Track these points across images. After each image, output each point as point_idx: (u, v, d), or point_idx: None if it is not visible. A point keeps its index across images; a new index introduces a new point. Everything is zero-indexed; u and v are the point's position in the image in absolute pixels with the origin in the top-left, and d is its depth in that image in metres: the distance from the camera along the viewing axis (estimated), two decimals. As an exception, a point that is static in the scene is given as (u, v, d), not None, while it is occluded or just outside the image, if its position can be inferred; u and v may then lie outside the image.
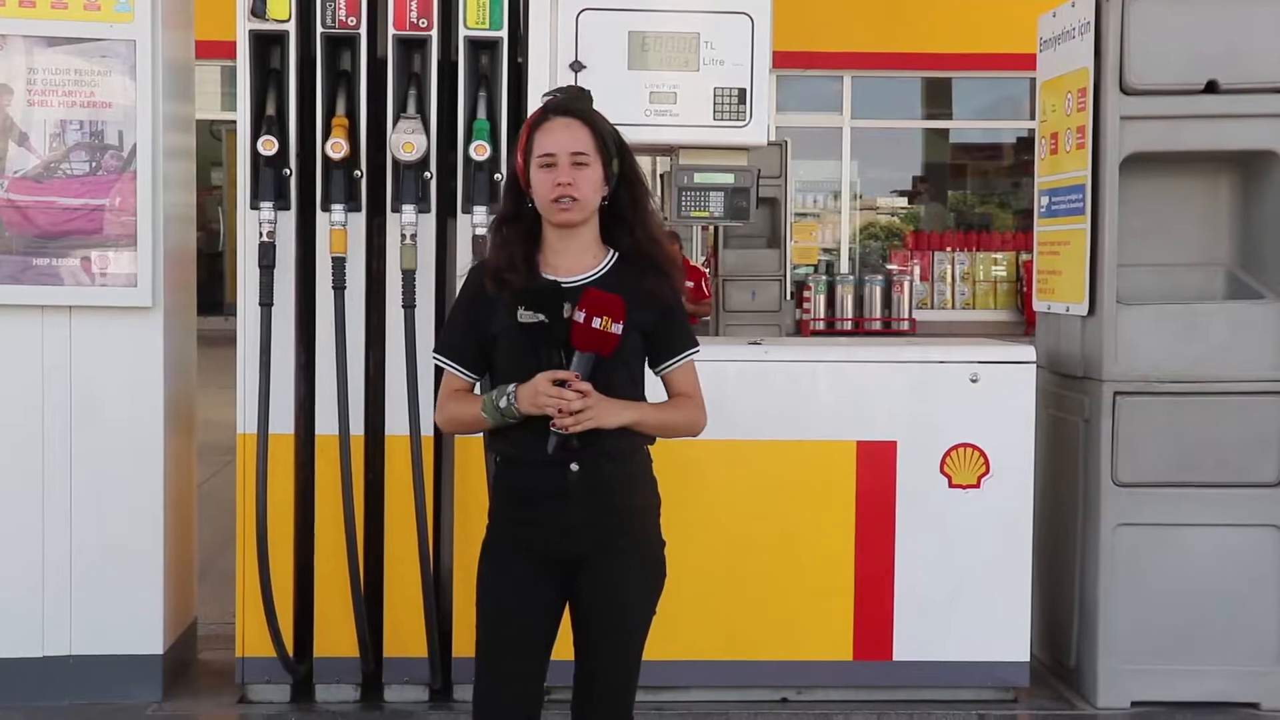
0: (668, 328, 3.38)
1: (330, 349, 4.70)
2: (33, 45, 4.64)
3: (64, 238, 4.66)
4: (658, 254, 3.38)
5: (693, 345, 3.44)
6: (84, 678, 4.79)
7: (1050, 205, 5.29)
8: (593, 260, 3.37)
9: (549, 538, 3.31)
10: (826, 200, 20.75)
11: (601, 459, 3.28)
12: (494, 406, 3.26)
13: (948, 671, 4.93)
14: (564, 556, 3.32)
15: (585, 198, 3.29)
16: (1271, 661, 4.95)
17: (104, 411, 4.77)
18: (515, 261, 3.32)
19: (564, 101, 3.38)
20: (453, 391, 3.44)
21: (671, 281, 3.38)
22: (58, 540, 4.77)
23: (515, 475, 3.36)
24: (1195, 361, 4.89)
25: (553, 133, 3.31)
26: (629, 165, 3.39)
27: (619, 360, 3.27)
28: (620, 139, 3.38)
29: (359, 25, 4.70)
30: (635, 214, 3.38)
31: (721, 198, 4.95)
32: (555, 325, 3.22)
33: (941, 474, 4.87)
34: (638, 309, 3.27)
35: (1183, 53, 4.82)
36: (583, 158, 3.29)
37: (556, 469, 3.27)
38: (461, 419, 3.41)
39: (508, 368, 3.32)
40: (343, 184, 4.67)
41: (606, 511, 3.31)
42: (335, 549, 4.73)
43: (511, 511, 3.37)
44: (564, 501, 3.28)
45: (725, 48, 4.83)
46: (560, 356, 3.23)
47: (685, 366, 3.44)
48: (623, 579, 3.35)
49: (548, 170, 3.28)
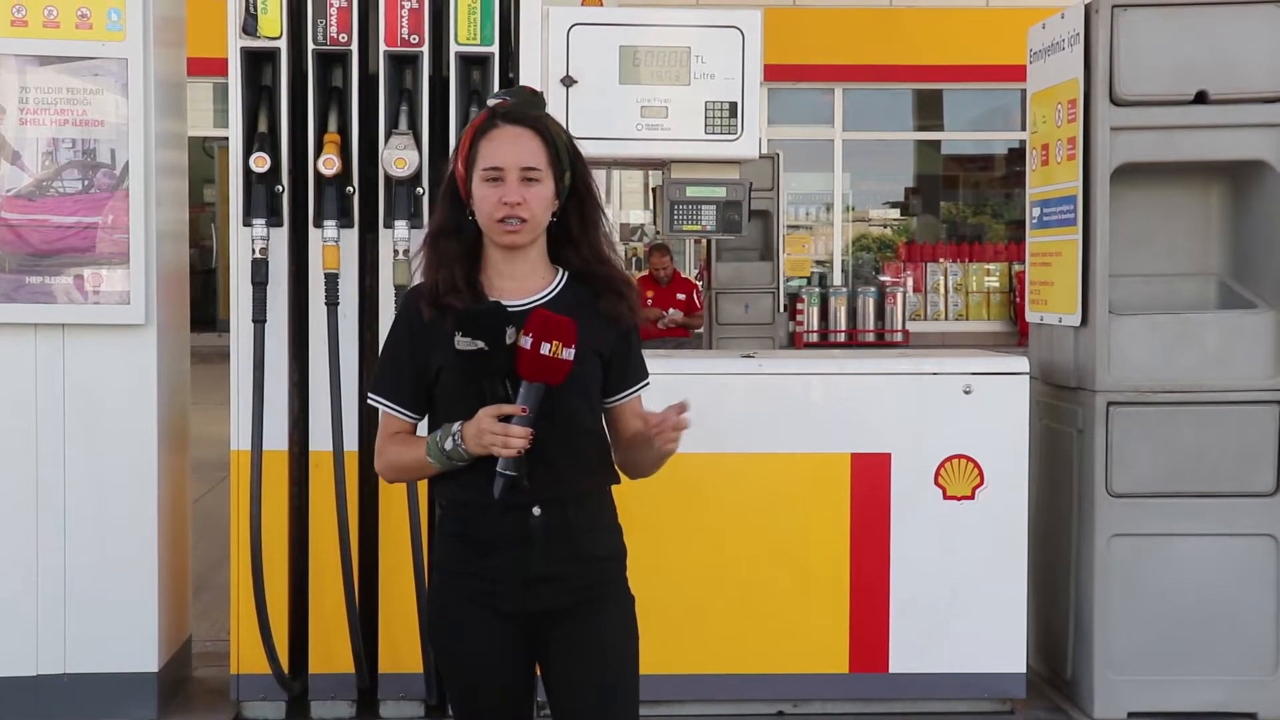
0: (626, 354, 3.06)
1: (323, 365, 4.70)
2: (25, 64, 4.64)
3: (57, 256, 4.66)
4: (611, 273, 3.05)
5: (645, 376, 3.13)
6: (78, 696, 4.78)
7: (1042, 216, 5.30)
8: (542, 281, 3.02)
9: (511, 591, 2.96)
10: (819, 212, 20.79)
11: (565, 501, 2.96)
12: (439, 449, 2.91)
13: (944, 683, 4.93)
14: (529, 612, 2.97)
15: (535, 218, 2.94)
16: (1268, 671, 4.95)
17: (98, 428, 4.77)
18: (456, 282, 2.95)
19: (515, 107, 2.99)
20: (391, 435, 3.05)
21: (629, 303, 3.06)
22: (52, 557, 4.76)
23: (468, 521, 2.98)
24: (1188, 371, 4.89)
25: (501, 143, 2.94)
26: (582, 178, 3.04)
27: (577, 390, 2.93)
28: (574, 148, 3.03)
29: (350, 42, 4.71)
30: (584, 231, 3.04)
31: (713, 211, 4.96)
32: (498, 352, 2.86)
33: (936, 485, 4.87)
34: (595, 333, 2.96)
35: (1172, 63, 4.83)
36: (534, 173, 2.93)
37: (516, 513, 2.92)
38: (404, 464, 3.03)
39: (448, 403, 2.96)
40: (335, 200, 4.67)
41: (575, 559, 2.98)
42: (330, 565, 4.73)
43: (466, 562, 2.99)
44: (527, 549, 2.94)
45: (716, 62, 4.84)
46: (505, 388, 2.88)
47: (638, 399, 3.11)
48: (604, 637, 3.01)
49: (493, 185, 2.92)
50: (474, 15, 4.71)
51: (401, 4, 4.70)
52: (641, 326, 3.27)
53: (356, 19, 4.71)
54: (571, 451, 2.98)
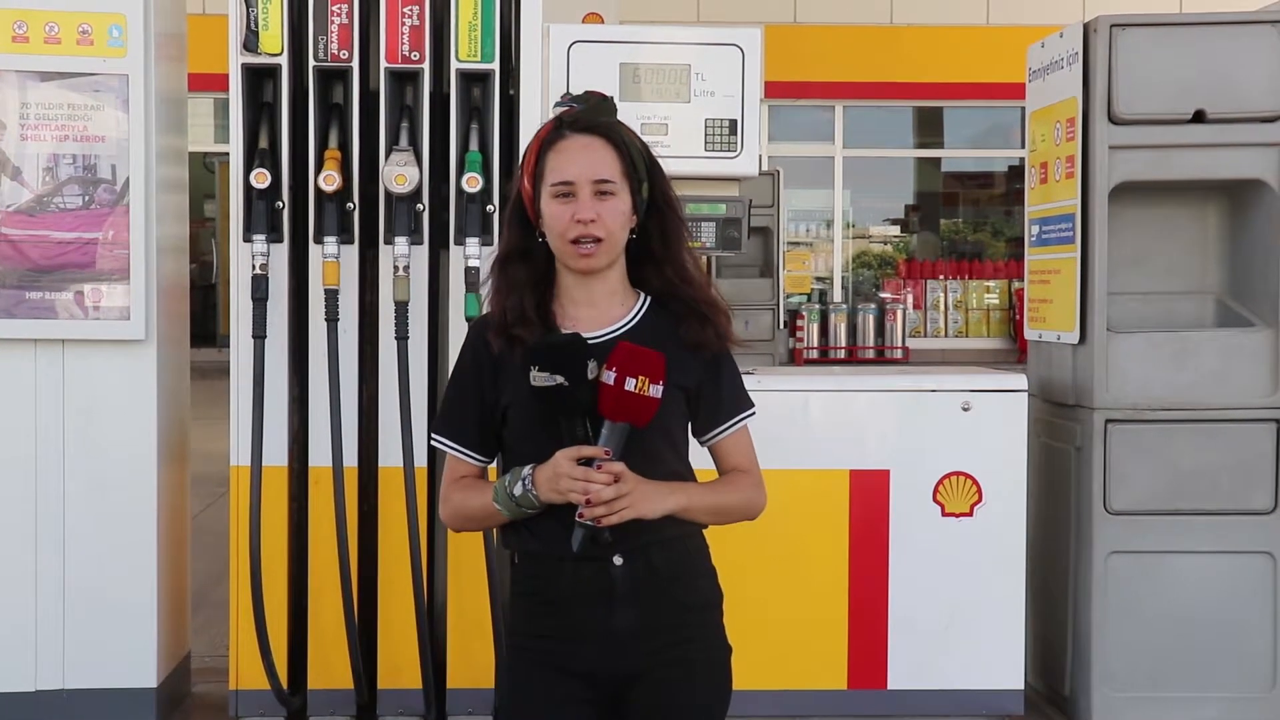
0: (715, 386, 2.79)
1: (323, 381, 4.70)
2: (26, 80, 4.65)
3: (57, 271, 4.67)
4: (696, 295, 2.76)
5: (747, 406, 2.86)
6: (77, 712, 4.77)
7: (1040, 234, 5.31)
8: (622, 308, 2.74)
9: (591, 652, 2.67)
10: (819, 229, 20.81)
11: (650, 547, 2.68)
12: (507, 494, 2.64)
13: (942, 700, 4.93)
14: (611, 674, 2.69)
15: (612, 236, 2.67)
16: (1265, 688, 4.95)
17: (97, 444, 4.77)
18: (527, 312, 2.68)
19: (584, 114, 2.72)
20: (458, 479, 2.78)
21: (717, 329, 2.76)
22: (51, 573, 4.76)
23: (541, 576, 2.70)
24: (1186, 389, 4.90)
25: (570, 154, 2.67)
26: (661, 189, 2.76)
27: (659, 429, 2.65)
28: (651, 156, 2.76)
29: (351, 58, 4.72)
30: (667, 248, 2.76)
31: (713, 228, 4.97)
32: (578, 388, 2.57)
33: (934, 502, 4.88)
34: (679, 365, 2.67)
35: (1170, 82, 4.84)
36: (608, 186, 2.66)
37: (595, 563, 2.64)
38: (470, 512, 2.75)
39: (521, 444, 2.70)
40: (335, 216, 4.68)
41: (664, 613, 2.69)
42: (329, 580, 4.73)
43: (539, 620, 2.71)
44: (609, 605, 2.66)
45: (716, 79, 4.86)
46: (586, 428, 2.60)
47: (740, 433, 2.86)
48: (690, 701, 2.73)
49: (564, 201, 2.65)
50: (475, 32, 4.72)
51: (402, 21, 4.71)
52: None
53: (357, 36, 4.72)
54: None
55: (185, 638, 5.27)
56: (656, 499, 2.61)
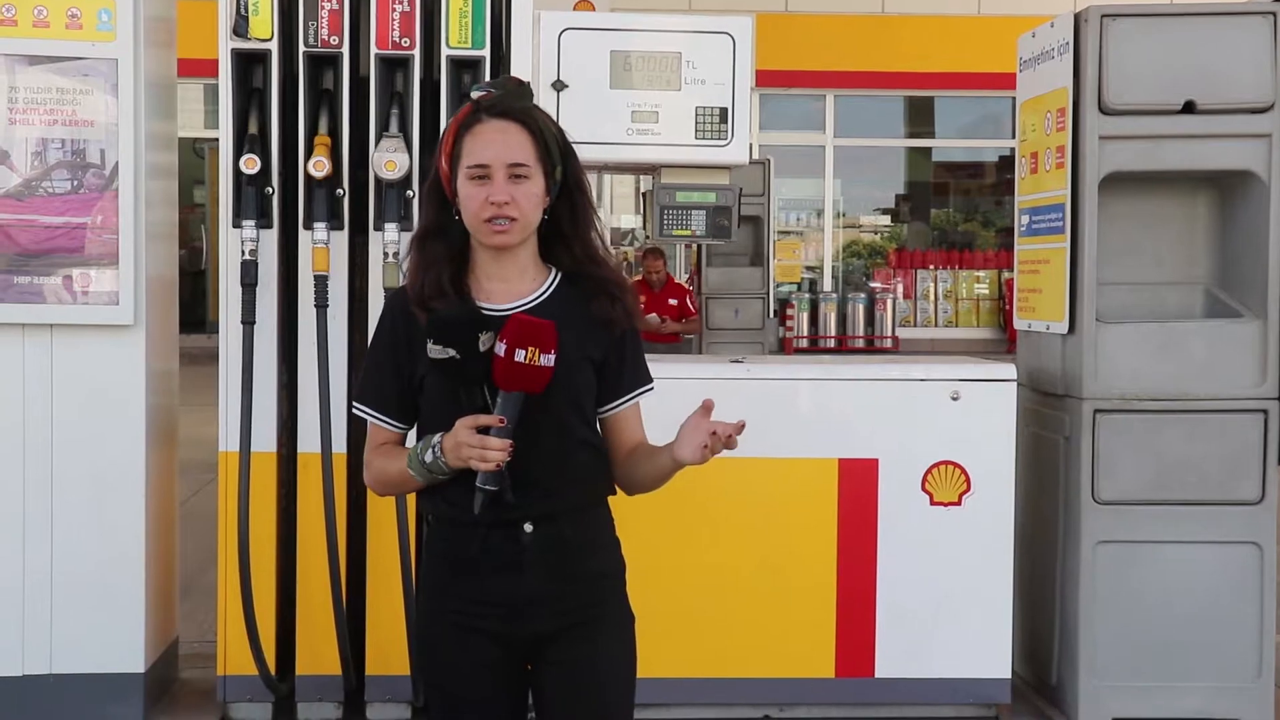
0: (620, 360, 2.90)
1: (313, 367, 4.70)
2: (14, 64, 4.63)
3: (45, 256, 4.65)
4: (605, 274, 2.90)
5: (647, 381, 2.97)
6: (64, 697, 4.77)
7: (1030, 224, 5.31)
8: (532, 284, 2.87)
9: (501, 614, 2.81)
10: (809, 218, 20.83)
11: (559, 515, 2.81)
12: (419, 461, 2.77)
13: (930, 689, 4.94)
14: (520, 637, 2.83)
15: (525, 216, 2.79)
16: (1252, 677, 4.96)
17: (85, 429, 4.76)
18: (443, 285, 2.80)
19: (500, 100, 2.83)
20: (379, 445, 2.91)
21: (624, 305, 2.89)
22: (38, 558, 4.75)
23: (454, 539, 2.84)
24: (1175, 379, 4.91)
25: (486, 138, 2.77)
26: (574, 174, 2.87)
27: (565, 399, 2.79)
28: (565, 140, 2.87)
29: (341, 44, 4.71)
30: (576, 229, 2.89)
31: (703, 216, 4.97)
32: (470, 361, 2.71)
33: (923, 491, 4.88)
34: (587, 338, 2.82)
35: (1161, 73, 4.85)
36: (522, 170, 2.76)
37: (506, 530, 2.78)
38: (389, 477, 2.87)
39: (434, 412, 2.82)
40: (325, 202, 4.68)
41: (570, 579, 2.83)
42: (317, 567, 4.73)
43: (451, 583, 2.85)
44: (518, 569, 2.79)
45: (707, 67, 4.86)
46: (484, 397, 2.73)
47: (636, 407, 2.96)
48: (597, 663, 2.87)
49: (479, 184, 2.76)
50: (465, 19, 4.72)
51: (393, 7, 4.70)
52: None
53: (348, 21, 4.71)
54: (565, 464, 2.84)
55: (173, 623, 5.27)
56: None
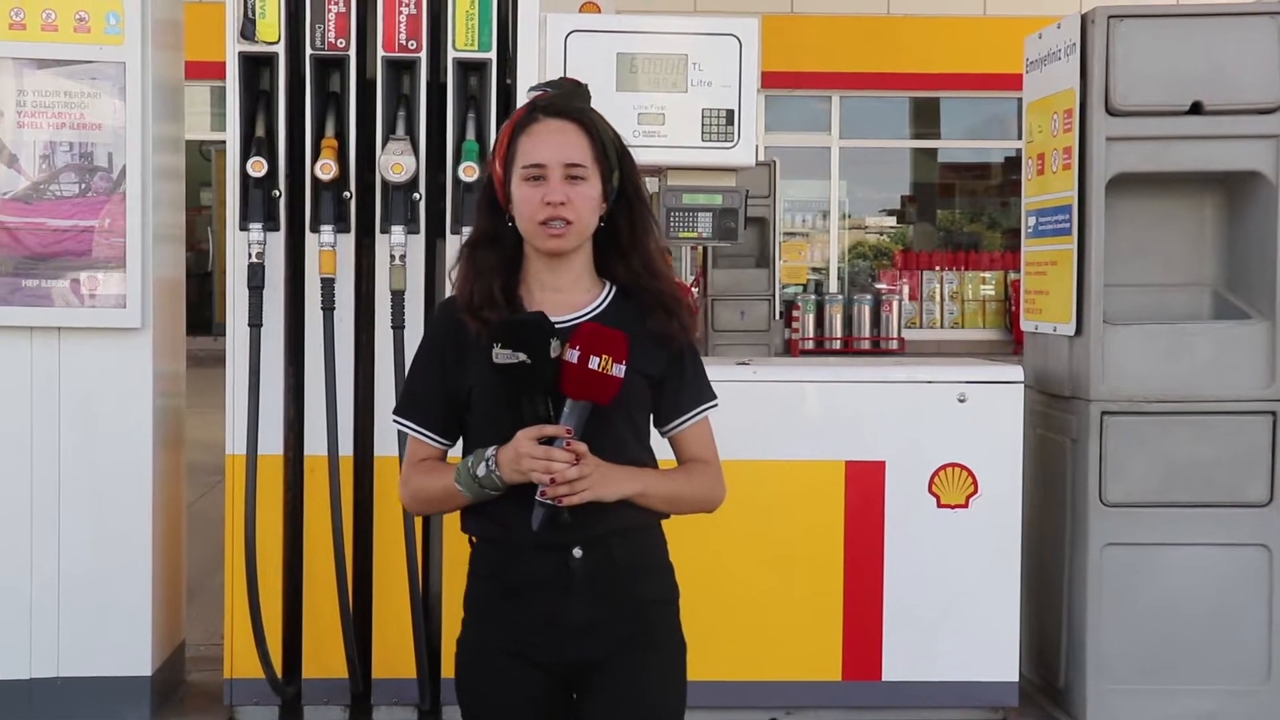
0: (679, 377, 2.79)
1: (319, 370, 4.70)
2: (22, 67, 4.64)
3: (53, 259, 4.66)
4: (663, 289, 2.78)
5: (710, 398, 2.84)
6: (72, 700, 4.77)
7: (1037, 226, 5.31)
8: (587, 295, 2.75)
9: (547, 641, 2.68)
10: (815, 220, 20.81)
11: (611, 538, 2.68)
12: (470, 475, 2.63)
13: (937, 692, 4.93)
14: (566, 662, 2.71)
15: (581, 220, 2.67)
16: (1260, 681, 4.95)
17: (93, 432, 4.77)
18: (494, 294, 2.68)
19: (557, 99, 2.73)
20: (418, 462, 2.77)
21: (680, 321, 2.78)
22: (46, 561, 4.76)
23: (500, 562, 2.70)
24: (1182, 381, 4.90)
25: (542, 138, 2.68)
26: (631, 179, 2.77)
27: (622, 413, 2.67)
28: (622, 145, 2.77)
29: (348, 47, 4.71)
30: (634, 238, 2.77)
31: (710, 218, 4.97)
32: (541, 366, 2.55)
33: (930, 494, 4.88)
34: (642, 354, 2.67)
35: (1168, 74, 4.84)
36: (579, 170, 2.67)
37: (554, 553, 2.65)
38: (431, 494, 2.73)
39: (483, 427, 2.69)
40: (332, 205, 4.68)
41: (620, 606, 2.71)
42: (324, 570, 4.73)
43: (496, 607, 2.72)
44: (565, 594, 2.66)
45: (713, 69, 4.86)
46: (548, 407, 2.59)
47: (700, 425, 2.83)
48: (644, 694, 2.77)
49: (535, 185, 2.65)
50: (472, 21, 4.72)
51: (399, 9, 4.70)
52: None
53: (354, 24, 4.71)
54: None
55: (180, 626, 5.27)
56: (616, 482, 2.63)
